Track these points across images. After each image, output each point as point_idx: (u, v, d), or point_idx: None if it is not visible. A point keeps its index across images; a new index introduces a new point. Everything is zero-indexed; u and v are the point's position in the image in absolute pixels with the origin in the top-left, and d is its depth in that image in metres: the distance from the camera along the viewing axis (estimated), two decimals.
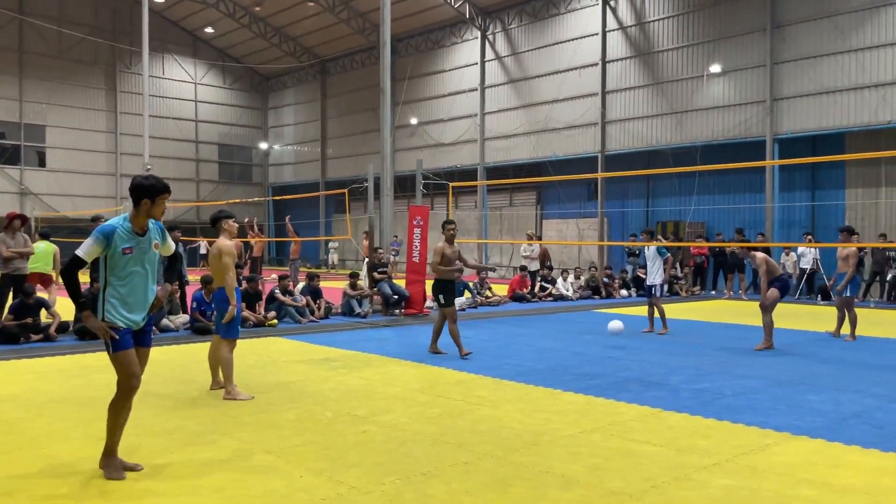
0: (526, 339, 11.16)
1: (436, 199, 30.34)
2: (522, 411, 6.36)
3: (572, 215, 26.15)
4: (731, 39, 21.67)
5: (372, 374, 8.15)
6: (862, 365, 8.77)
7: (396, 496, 4.25)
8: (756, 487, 4.41)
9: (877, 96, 18.78)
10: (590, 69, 25.23)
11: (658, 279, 11.95)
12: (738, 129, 21.46)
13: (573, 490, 4.36)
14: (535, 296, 17.97)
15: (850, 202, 19.69)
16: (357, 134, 34.38)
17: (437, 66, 31.05)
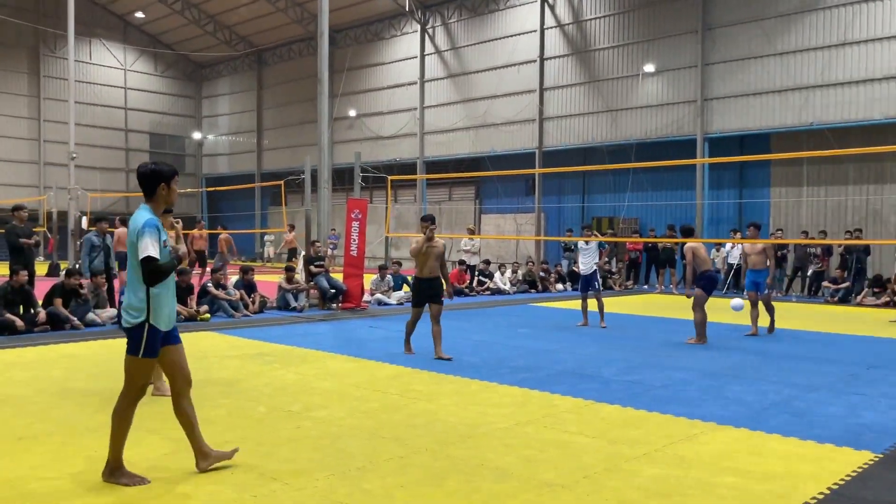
0: (463, 332, 11.21)
1: (375, 192, 30.17)
2: (458, 405, 6.39)
3: (510, 210, 26.40)
4: (664, 40, 22.22)
5: (307, 369, 8.05)
6: (783, 356, 9.13)
7: (330, 492, 4.21)
8: (683, 476, 4.54)
9: (800, 99, 19.56)
10: (528, 66, 25.48)
11: (594, 268, 12.12)
12: (670, 128, 22.03)
13: (507, 482, 4.40)
14: (472, 290, 18.07)
15: (775, 200, 20.47)
16: (294, 125, 33.86)
17: (377, 59, 30.84)
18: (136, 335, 4.28)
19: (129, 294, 4.30)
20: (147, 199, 4.39)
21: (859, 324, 12.79)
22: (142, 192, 4.41)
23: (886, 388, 7.19)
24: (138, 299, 4.25)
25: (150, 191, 4.37)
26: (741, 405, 6.45)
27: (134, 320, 4.26)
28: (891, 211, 18.63)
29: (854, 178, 19.16)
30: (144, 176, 4.37)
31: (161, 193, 4.38)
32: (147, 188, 4.37)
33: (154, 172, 4.36)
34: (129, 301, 4.29)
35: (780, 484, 4.40)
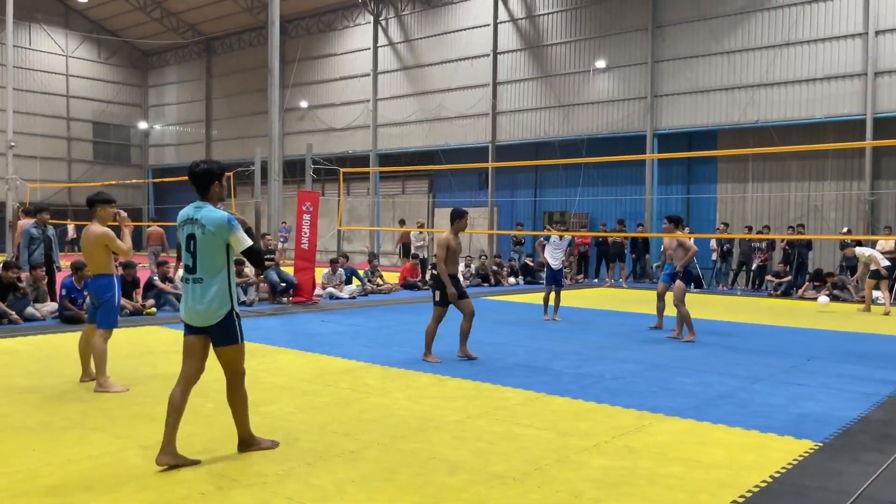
0: (416, 326, 11.17)
1: (327, 185, 29.88)
2: (410, 398, 6.37)
3: (464, 204, 26.36)
4: (615, 37, 22.51)
5: (257, 363, 7.91)
6: (728, 349, 9.36)
7: (280, 488, 4.14)
8: (632, 466, 4.60)
9: (746, 97, 20.05)
10: (481, 59, 25.53)
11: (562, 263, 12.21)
12: (620, 124, 22.35)
13: (459, 475, 4.40)
14: (426, 283, 18.06)
15: (722, 196, 20.96)
16: (244, 116, 33.28)
17: (329, 50, 30.51)
18: (230, 324, 4.57)
19: (212, 288, 4.49)
20: (201, 196, 4.64)
21: (801, 317, 13.19)
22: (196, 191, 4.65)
23: (825, 379, 7.43)
24: (223, 291, 4.52)
25: (204, 189, 4.63)
26: (688, 397, 6.59)
27: (226, 310, 4.53)
28: (830, 207, 19.26)
29: (796, 175, 19.75)
30: (198, 175, 4.62)
31: (215, 191, 4.65)
32: (201, 186, 4.62)
33: (208, 172, 4.62)
34: (213, 295, 4.49)
35: (724, 473, 4.51)
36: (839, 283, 16.69)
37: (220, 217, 4.49)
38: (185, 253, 4.58)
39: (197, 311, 4.52)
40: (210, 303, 4.48)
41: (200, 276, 4.50)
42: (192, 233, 4.53)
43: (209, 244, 4.47)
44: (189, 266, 4.55)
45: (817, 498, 4.11)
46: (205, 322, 4.53)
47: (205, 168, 4.62)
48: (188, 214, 4.58)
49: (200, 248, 4.49)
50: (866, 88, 18.13)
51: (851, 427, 5.61)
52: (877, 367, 8.17)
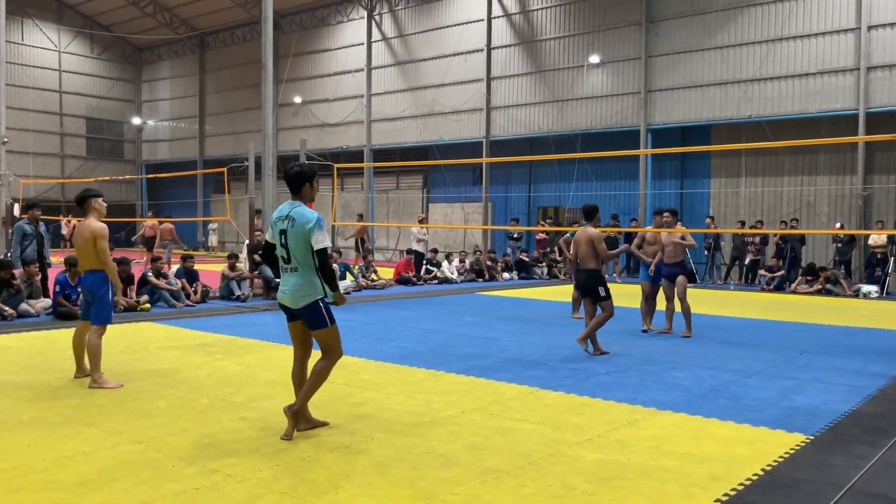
0: (410, 321, 11.21)
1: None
2: (404, 393, 6.38)
3: (458, 199, 26.45)
4: (609, 32, 22.50)
5: (251, 359, 7.93)
6: (721, 343, 9.41)
7: (274, 483, 4.16)
8: (625, 460, 4.63)
9: (739, 92, 20.08)
10: (475, 55, 25.50)
11: None
12: (614, 119, 22.36)
13: (452, 469, 4.42)
14: (420, 279, 18.07)
15: (715, 190, 21.01)
16: (238, 111, 33.18)
17: (323, 45, 30.42)
18: (318, 310, 5.02)
19: (302, 279, 4.99)
20: (294, 195, 5.11)
21: (793, 311, 13.25)
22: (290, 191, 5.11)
23: (817, 373, 7.48)
24: (312, 282, 4.99)
25: (297, 189, 5.11)
26: (680, 391, 6.62)
27: (312, 299, 5.00)
28: (823, 202, 19.32)
29: (789, 170, 19.80)
30: (291, 177, 5.13)
31: (306, 191, 5.13)
32: (294, 187, 5.11)
33: (300, 174, 5.12)
34: (302, 284, 4.98)
35: (717, 466, 4.53)
36: (832, 277, 16.77)
37: (310, 215, 4.96)
38: (279, 247, 5.05)
39: (287, 294, 5.04)
40: (300, 288, 4.99)
41: (296, 265, 5.00)
42: (284, 228, 5.00)
43: (298, 238, 4.93)
44: (284, 257, 5.04)
45: (808, 490, 4.14)
46: (293, 304, 5.01)
47: (297, 171, 5.14)
48: (283, 212, 5.05)
49: (291, 241, 4.96)
50: (859, 83, 18.18)
51: (843, 420, 5.65)
52: (868, 360, 8.22)
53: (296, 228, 4.94)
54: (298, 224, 4.94)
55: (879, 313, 13.13)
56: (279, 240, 5.05)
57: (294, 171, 5.17)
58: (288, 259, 5.04)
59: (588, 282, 8.56)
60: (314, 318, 5.04)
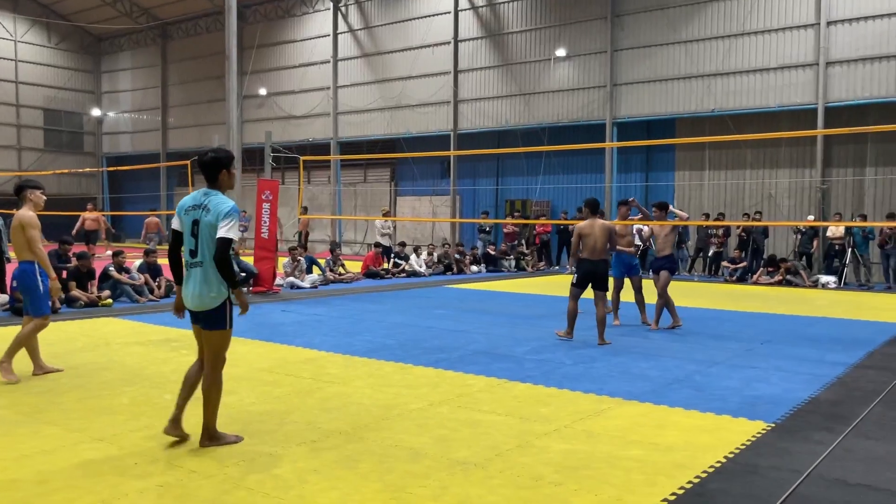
0: (378, 315, 11.18)
1: (287, 173, 29.57)
2: (373, 387, 6.36)
3: (426, 192, 26.40)
4: (575, 25, 22.62)
5: None
6: (685, 333, 9.54)
7: (240, 479, 4.11)
8: (591, 450, 4.68)
9: (702, 86, 20.34)
10: (443, 47, 25.44)
11: None
12: (581, 112, 22.51)
13: (420, 462, 4.42)
14: (388, 272, 18.02)
15: (679, 183, 21.28)
16: (202, 103, 32.66)
17: (288, 36, 30.08)
18: (222, 311, 4.62)
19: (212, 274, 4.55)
20: (210, 185, 4.71)
21: (755, 301, 13.50)
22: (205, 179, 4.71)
23: (778, 362, 7.63)
24: (222, 280, 4.58)
25: (212, 177, 4.70)
26: (646, 381, 6.70)
27: (220, 301, 4.59)
28: (784, 194, 19.70)
29: (752, 163, 20.14)
30: (206, 164, 4.69)
31: (223, 179, 4.73)
32: (209, 175, 4.70)
33: (216, 161, 4.69)
34: (212, 280, 4.56)
35: (681, 455, 4.61)
36: (792, 268, 17.12)
37: (226, 203, 4.58)
38: (188, 238, 4.62)
39: (194, 294, 4.59)
40: (209, 288, 4.56)
41: (201, 259, 4.57)
42: (197, 218, 4.58)
43: (211, 228, 4.53)
44: (192, 250, 4.60)
45: (770, 477, 4.23)
46: (200, 307, 4.59)
47: (212, 157, 4.71)
48: (195, 200, 4.64)
49: (203, 232, 4.55)
50: (818, 78, 18.54)
51: (802, 408, 5.77)
52: (827, 349, 8.42)
53: (210, 218, 4.53)
54: (213, 213, 4.53)
55: (837, 303, 13.45)
56: (189, 231, 4.61)
57: (209, 157, 4.71)
58: (195, 252, 4.60)
59: (605, 272, 8.84)
60: (217, 317, 4.62)
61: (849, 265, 17.15)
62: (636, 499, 3.88)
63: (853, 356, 7.97)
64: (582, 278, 8.90)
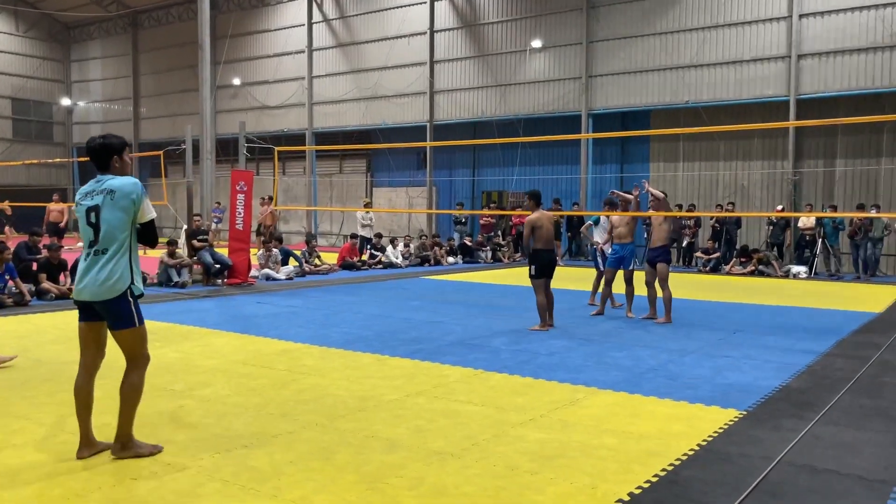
0: (354, 306, 11.15)
1: (261, 164, 29.32)
2: (349, 378, 6.35)
3: (402, 184, 26.34)
4: (550, 16, 22.64)
5: (190, 346, 7.76)
6: (660, 323, 9.63)
7: (215, 471, 4.09)
8: (566, 439, 4.72)
9: (677, 78, 20.49)
10: (418, 38, 25.34)
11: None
12: (556, 104, 22.57)
13: (397, 452, 4.42)
14: (365, 264, 17.97)
15: (654, 175, 21.44)
16: (174, 93, 32.24)
17: (262, 26, 29.77)
18: (125, 305, 4.20)
19: (113, 261, 4.16)
20: (101, 172, 4.32)
21: (728, 291, 13.68)
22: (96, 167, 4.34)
23: (749, 351, 7.74)
24: (124, 269, 4.19)
25: (103, 164, 4.32)
26: (620, 370, 6.77)
27: (121, 291, 4.17)
28: (756, 186, 19.95)
29: (725, 155, 20.35)
30: (95, 150, 4.32)
31: (115, 167, 4.33)
32: (100, 162, 4.32)
33: (106, 147, 4.31)
34: (111, 271, 4.15)
35: (655, 443, 4.66)
36: (764, 259, 17.36)
37: (132, 181, 4.23)
38: (85, 227, 4.20)
39: (88, 285, 4.14)
40: (108, 276, 4.13)
41: (104, 246, 4.16)
42: (93, 204, 4.18)
43: (117, 211, 4.14)
44: (91, 240, 4.20)
45: (741, 464, 4.29)
46: (96, 296, 4.14)
47: (101, 142, 4.31)
48: (89, 188, 4.25)
49: (106, 214, 4.14)
50: (790, 70, 18.77)
51: (773, 396, 5.87)
52: (797, 338, 8.56)
53: (116, 201, 4.15)
54: (120, 195, 4.15)
55: (808, 293, 13.67)
56: (86, 219, 4.20)
57: (97, 142, 4.31)
58: (95, 240, 4.19)
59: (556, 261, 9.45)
60: (121, 314, 4.19)
61: (819, 255, 17.43)
62: (610, 487, 3.92)
63: (823, 345, 8.11)
64: (542, 268, 9.04)
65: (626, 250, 10.34)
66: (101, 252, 4.17)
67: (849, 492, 3.90)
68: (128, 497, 3.74)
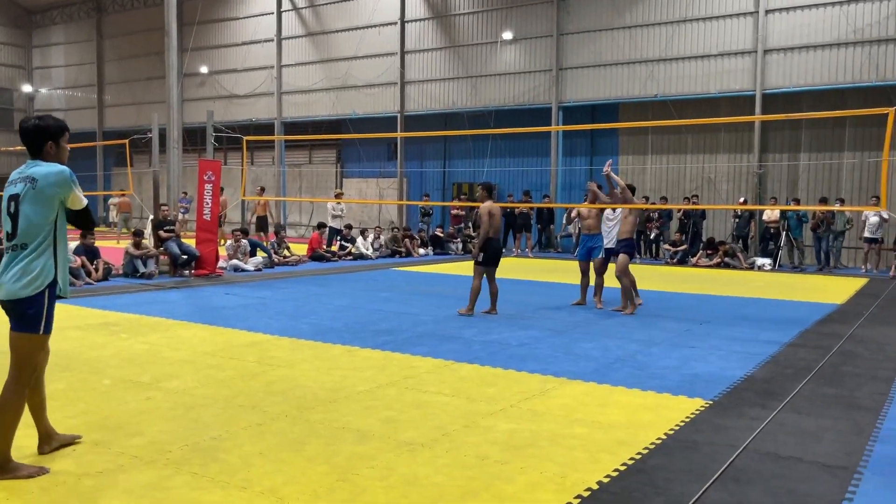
0: (324, 298, 11.09)
1: (230, 153, 28.95)
2: (319, 370, 6.32)
3: (373, 174, 26.22)
4: (521, 8, 22.66)
5: (157, 338, 7.66)
6: (628, 314, 9.74)
7: (184, 463, 4.05)
8: (536, 429, 4.75)
9: (646, 71, 20.67)
10: (389, 27, 25.19)
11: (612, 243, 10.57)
12: (527, 96, 22.62)
13: (368, 443, 4.42)
14: (335, 255, 17.88)
15: (623, 167, 21.61)
16: (140, 80, 31.65)
17: (230, 13, 29.34)
18: (37, 305, 3.78)
19: (31, 260, 3.77)
20: (33, 156, 3.93)
21: (694, 283, 13.87)
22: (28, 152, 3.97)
23: (716, 342, 7.87)
24: (44, 266, 3.79)
25: (37, 148, 3.91)
26: (589, 361, 6.84)
27: (39, 288, 3.77)
28: (723, 179, 20.23)
29: (692, 148, 20.60)
30: (28, 133, 3.92)
31: (49, 152, 3.93)
32: (33, 146, 3.91)
33: (39, 129, 3.90)
34: (29, 267, 3.76)
35: (623, 432, 4.72)
36: (730, 251, 17.64)
37: (58, 169, 3.84)
38: (4, 217, 3.84)
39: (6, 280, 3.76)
40: (25, 273, 3.75)
41: (23, 241, 3.78)
42: (16, 192, 3.81)
43: (39, 201, 3.77)
44: (9, 232, 3.82)
45: (707, 452, 4.37)
46: (10, 295, 3.75)
47: (35, 124, 3.90)
48: (15, 175, 3.90)
49: (25, 207, 3.77)
50: (756, 65, 19.04)
51: (738, 385, 5.98)
52: (761, 329, 8.72)
53: (39, 190, 3.77)
54: (42, 185, 3.77)
55: (772, 284, 13.92)
56: (6, 209, 3.83)
57: (31, 124, 3.91)
58: (13, 233, 3.80)
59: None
60: (28, 314, 3.76)
61: (783, 248, 17.75)
62: (580, 476, 3.96)
63: (786, 335, 8.27)
64: (491, 257, 9.39)
65: (595, 241, 10.48)
66: (20, 247, 3.78)
67: (810, 478, 3.99)
68: (94, 489, 3.68)
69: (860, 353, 7.34)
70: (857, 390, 5.87)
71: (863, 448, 4.48)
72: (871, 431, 4.81)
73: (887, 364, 6.87)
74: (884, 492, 3.83)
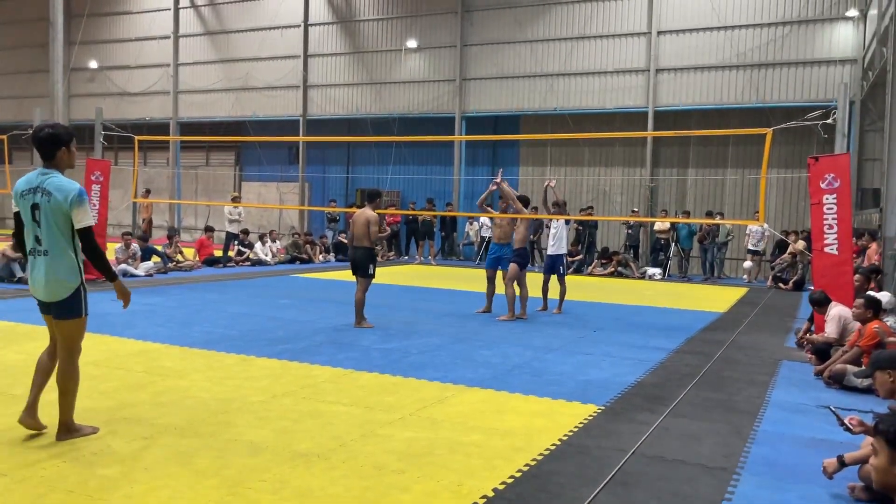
0: (219, 304, 10.73)
1: (121, 153, 27.60)
2: (211, 380, 6.10)
3: (273, 178, 25.66)
4: (426, 18, 22.82)
5: (34, 347, 7.15)
6: (526, 322, 9.94)
7: (60, 480, 3.79)
8: (434, 437, 4.75)
9: (546, 85, 21.23)
10: (292, 30, 24.78)
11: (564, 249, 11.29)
12: (431, 105, 22.77)
13: (261, 455, 4.29)
14: (231, 260, 17.34)
15: (524, 178, 22.10)
16: (22, 73, 29.71)
17: (123, 7, 28.06)
18: (76, 299, 4.35)
19: (60, 262, 4.30)
20: (46, 163, 4.33)
21: (589, 291, 14.32)
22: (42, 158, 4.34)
23: (608, 348, 8.14)
24: (71, 268, 4.33)
25: (49, 155, 4.32)
26: (488, 368, 6.91)
27: (72, 290, 4.34)
28: (617, 191, 21.03)
29: (588, 161, 21.31)
30: (42, 140, 4.29)
31: (62, 158, 4.36)
32: (46, 152, 4.31)
33: (54, 137, 4.30)
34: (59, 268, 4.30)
35: (519, 439, 4.79)
36: (623, 260, 18.33)
37: (69, 187, 4.25)
38: (30, 223, 4.31)
39: (41, 284, 4.33)
40: (57, 277, 4.31)
41: (48, 248, 4.29)
42: (36, 202, 4.26)
43: (55, 215, 4.24)
44: (37, 237, 4.31)
45: (598, 456, 4.50)
46: (51, 297, 4.33)
47: (49, 132, 4.29)
48: (30, 183, 4.29)
49: (46, 218, 4.25)
50: (649, 83, 19.93)
51: (629, 391, 6.19)
52: (651, 336, 9.09)
53: (52, 204, 4.23)
54: (56, 199, 4.22)
55: (661, 293, 14.56)
56: (29, 216, 4.30)
57: (45, 132, 4.28)
58: (41, 239, 4.30)
59: (362, 258, 9.22)
60: (70, 306, 4.36)
61: (673, 258, 18.61)
62: (476, 483, 3.98)
63: (674, 342, 8.66)
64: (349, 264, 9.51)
65: (503, 251, 10.49)
66: (45, 253, 4.30)
67: (693, 479, 4.17)
68: None
69: (739, 359, 7.77)
70: (736, 395, 6.20)
71: (741, 450, 4.73)
72: (749, 434, 5.09)
73: (763, 369, 7.31)
74: (759, 491, 4.05)
